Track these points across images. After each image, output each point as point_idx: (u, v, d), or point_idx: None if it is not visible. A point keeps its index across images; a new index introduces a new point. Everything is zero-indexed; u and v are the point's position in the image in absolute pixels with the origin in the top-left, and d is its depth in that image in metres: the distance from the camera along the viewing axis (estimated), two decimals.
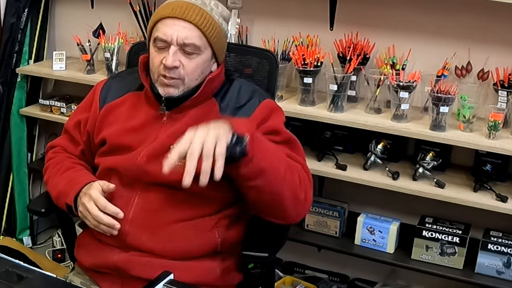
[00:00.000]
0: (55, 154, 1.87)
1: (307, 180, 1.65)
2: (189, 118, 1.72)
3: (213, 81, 1.74)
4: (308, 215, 2.48)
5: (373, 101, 2.37)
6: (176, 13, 1.66)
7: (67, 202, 1.71)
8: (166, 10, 1.68)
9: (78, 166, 1.82)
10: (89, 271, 1.77)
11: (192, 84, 1.71)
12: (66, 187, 1.73)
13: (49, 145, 1.94)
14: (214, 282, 1.72)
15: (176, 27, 1.65)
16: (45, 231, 3.22)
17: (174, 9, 1.66)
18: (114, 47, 2.68)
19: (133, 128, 1.76)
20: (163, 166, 1.42)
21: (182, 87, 1.70)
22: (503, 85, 2.23)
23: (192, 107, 1.73)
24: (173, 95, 1.70)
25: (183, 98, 1.71)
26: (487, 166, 2.31)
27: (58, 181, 1.77)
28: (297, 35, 2.52)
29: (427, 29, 2.39)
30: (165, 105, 1.72)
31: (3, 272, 1.41)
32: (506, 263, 2.22)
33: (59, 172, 1.79)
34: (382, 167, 2.39)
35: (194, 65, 1.68)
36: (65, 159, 1.84)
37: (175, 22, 1.65)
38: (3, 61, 2.91)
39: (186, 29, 1.65)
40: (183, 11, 1.66)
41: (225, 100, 1.76)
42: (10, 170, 3.04)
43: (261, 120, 1.70)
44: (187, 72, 1.68)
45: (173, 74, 1.67)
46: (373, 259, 2.39)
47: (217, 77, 1.75)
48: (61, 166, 1.81)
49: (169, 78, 1.67)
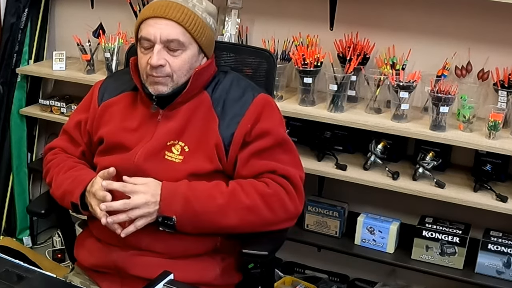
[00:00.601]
0: (55, 156, 1.87)
1: (283, 195, 1.68)
2: (183, 114, 1.74)
3: (201, 74, 1.75)
4: (308, 215, 2.49)
5: (373, 101, 2.37)
6: (157, 13, 1.69)
7: (72, 200, 1.71)
8: (148, 11, 1.71)
9: (80, 165, 1.82)
10: (88, 271, 1.78)
11: (181, 80, 1.72)
12: (71, 186, 1.73)
13: (47, 147, 1.94)
14: (214, 281, 1.73)
15: (158, 25, 1.68)
16: (45, 231, 3.22)
17: (155, 9, 1.69)
18: (114, 47, 2.68)
19: (129, 128, 1.77)
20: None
21: (171, 83, 1.71)
22: (503, 85, 2.23)
23: (184, 102, 1.75)
24: (162, 92, 1.71)
25: (174, 95, 1.73)
26: (487, 166, 2.31)
27: (62, 181, 1.77)
28: (297, 35, 2.52)
29: (427, 29, 2.39)
30: (157, 104, 1.74)
31: (3, 272, 1.41)
32: (506, 263, 2.21)
33: (61, 171, 1.79)
34: (382, 167, 2.38)
35: (180, 61, 1.70)
36: (66, 158, 1.85)
37: (157, 21, 1.68)
38: (3, 61, 2.91)
39: (168, 26, 1.68)
40: (164, 10, 1.68)
41: (217, 92, 1.77)
42: (10, 170, 3.04)
43: (255, 119, 1.72)
44: (174, 69, 1.70)
45: (160, 73, 1.69)
46: (373, 259, 2.39)
47: (205, 70, 1.76)
48: (63, 165, 1.81)
49: (156, 76, 1.69)
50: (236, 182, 1.69)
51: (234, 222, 1.65)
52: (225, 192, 1.65)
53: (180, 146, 1.71)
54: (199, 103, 1.75)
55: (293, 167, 1.73)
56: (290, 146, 1.77)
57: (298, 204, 1.72)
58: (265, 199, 1.66)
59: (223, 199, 1.64)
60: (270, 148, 1.72)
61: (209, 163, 1.70)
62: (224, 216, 1.64)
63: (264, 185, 1.67)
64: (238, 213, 1.64)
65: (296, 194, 1.71)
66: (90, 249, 1.76)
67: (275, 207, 1.67)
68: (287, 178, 1.70)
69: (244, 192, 1.65)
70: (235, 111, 1.73)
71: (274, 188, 1.67)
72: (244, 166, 1.70)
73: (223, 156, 1.70)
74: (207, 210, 1.64)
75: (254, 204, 1.65)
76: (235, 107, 1.74)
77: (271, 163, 1.70)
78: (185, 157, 1.70)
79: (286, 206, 1.69)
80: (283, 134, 1.76)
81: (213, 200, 1.64)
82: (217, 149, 1.70)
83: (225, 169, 1.72)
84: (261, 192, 1.66)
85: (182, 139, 1.72)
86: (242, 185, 1.67)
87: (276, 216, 1.68)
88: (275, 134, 1.73)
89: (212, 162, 1.70)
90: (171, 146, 1.71)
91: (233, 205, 1.64)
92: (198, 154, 1.71)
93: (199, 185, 1.66)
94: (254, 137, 1.71)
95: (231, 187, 1.67)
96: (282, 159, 1.72)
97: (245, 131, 1.70)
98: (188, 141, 1.72)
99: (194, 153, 1.71)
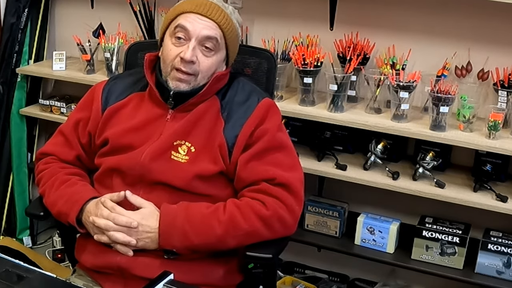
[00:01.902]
0: (47, 165, 1.84)
1: (281, 212, 1.67)
2: (191, 115, 1.74)
3: (219, 80, 1.76)
4: (308, 215, 2.49)
5: (373, 101, 2.37)
6: (200, 10, 1.68)
7: (69, 221, 1.71)
8: (189, 5, 1.70)
9: (73, 178, 1.79)
10: (90, 272, 1.77)
11: (202, 82, 1.73)
12: (66, 207, 1.71)
13: (39, 152, 1.90)
14: (216, 282, 1.73)
15: (200, 21, 1.68)
16: (45, 231, 3.22)
17: (198, 6, 1.69)
18: (114, 47, 2.68)
19: (136, 127, 1.76)
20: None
21: (193, 83, 1.72)
22: (503, 85, 2.23)
23: (196, 104, 1.74)
24: (183, 90, 1.71)
25: (189, 95, 1.72)
26: (487, 166, 2.31)
27: (56, 199, 1.75)
28: (297, 35, 2.52)
29: (427, 29, 2.39)
30: (172, 100, 1.73)
31: (3, 272, 1.41)
32: (506, 263, 2.21)
33: (54, 186, 1.77)
34: (382, 167, 2.38)
35: (209, 63, 1.70)
36: (59, 170, 1.81)
37: (199, 17, 1.68)
38: (3, 61, 2.91)
39: (209, 26, 1.68)
40: (208, 9, 1.69)
41: (226, 97, 1.78)
42: (10, 170, 3.04)
43: (258, 122, 1.72)
44: (202, 69, 1.70)
45: (189, 69, 1.68)
46: (373, 259, 2.39)
47: (223, 76, 1.78)
48: (55, 178, 1.78)
49: (183, 72, 1.69)
50: (234, 205, 1.67)
51: (233, 246, 1.66)
52: (223, 221, 1.64)
53: (187, 146, 1.71)
54: (209, 107, 1.75)
55: (292, 171, 1.72)
56: (288, 150, 1.76)
57: (297, 213, 1.71)
58: (264, 221, 1.65)
59: (222, 229, 1.63)
60: (268, 150, 1.71)
61: (214, 164, 1.70)
62: (223, 244, 1.65)
63: (262, 206, 1.65)
64: (237, 239, 1.65)
65: (295, 202, 1.70)
66: (92, 250, 1.75)
67: (275, 227, 1.67)
68: (285, 186, 1.68)
69: (242, 216, 1.64)
70: (240, 115, 1.73)
71: (272, 208, 1.66)
72: (244, 168, 1.70)
73: (226, 157, 1.70)
74: (206, 242, 1.64)
75: (253, 229, 1.65)
76: (240, 110, 1.74)
77: (271, 171, 1.69)
78: (191, 157, 1.70)
79: (285, 222, 1.68)
80: (281, 137, 1.76)
81: (212, 231, 1.63)
82: (221, 150, 1.70)
83: (227, 171, 1.72)
84: (260, 215, 1.65)
85: (189, 139, 1.72)
86: (240, 208, 1.65)
87: (275, 234, 1.69)
88: (272, 135, 1.73)
89: (217, 163, 1.70)
90: (177, 146, 1.71)
91: (232, 232, 1.64)
92: (204, 156, 1.70)
93: (196, 214, 1.65)
94: (255, 139, 1.71)
95: (229, 212, 1.65)
96: (281, 162, 1.71)
97: (248, 134, 1.70)
98: (194, 142, 1.71)
99: (200, 154, 1.70)
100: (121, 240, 1.63)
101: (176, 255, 1.65)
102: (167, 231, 1.63)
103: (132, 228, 1.62)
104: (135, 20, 2.75)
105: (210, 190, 1.71)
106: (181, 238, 1.63)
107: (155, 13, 2.75)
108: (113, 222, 1.63)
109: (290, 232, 1.73)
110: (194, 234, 1.63)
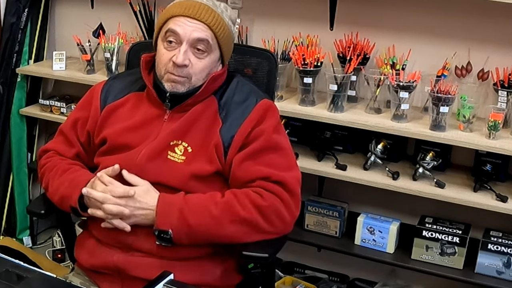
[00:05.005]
0: (48, 159, 1.85)
1: (278, 205, 1.67)
2: (189, 116, 1.74)
3: (216, 80, 1.76)
4: (308, 215, 2.49)
5: (373, 101, 2.37)
6: (189, 13, 1.68)
7: (71, 204, 1.71)
8: (178, 8, 1.69)
9: (74, 166, 1.81)
10: (88, 272, 1.77)
11: (198, 83, 1.73)
12: (68, 191, 1.72)
13: (41, 149, 1.92)
14: (214, 282, 1.73)
15: (190, 24, 1.67)
16: (45, 231, 3.22)
17: (187, 8, 1.68)
18: (114, 47, 2.68)
19: (133, 126, 1.76)
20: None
21: (188, 85, 1.72)
22: (503, 85, 2.23)
23: (193, 105, 1.74)
24: (179, 91, 1.71)
25: (185, 96, 1.73)
26: (487, 166, 2.31)
27: (58, 186, 1.76)
28: (297, 35, 2.52)
29: (427, 29, 2.39)
30: (169, 101, 1.73)
31: (3, 272, 1.41)
32: (506, 263, 2.21)
33: (56, 175, 1.78)
34: (382, 167, 2.38)
35: (202, 65, 1.70)
36: (60, 161, 1.83)
37: (188, 20, 1.68)
38: (3, 61, 2.91)
39: (199, 28, 1.67)
40: (197, 11, 1.68)
41: (224, 97, 1.78)
42: (10, 170, 3.04)
43: (255, 123, 1.72)
44: (195, 72, 1.70)
45: (181, 73, 1.69)
46: (373, 259, 2.39)
47: (220, 76, 1.77)
48: (57, 169, 1.80)
49: (177, 76, 1.69)
50: (231, 192, 1.68)
51: (230, 233, 1.65)
52: (219, 203, 1.65)
53: (184, 146, 1.71)
54: (207, 107, 1.75)
55: (287, 171, 1.72)
56: (284, 151, 1.76)
57: (294, 211, 1.71)
58: (260, 210, 1.65)
59: (218, 210, 1.64)
60: (263, 151, 1.71)
61: (210, 164, 1.70)
62: (219, 227, 1.64)
63: (258, 197, 1.66)
64: (234, 224, 1.64)
65: (291, 200, 1.69)
66: (90, 250, 1.76)
67: (272, 219, 1.67)
68: (281, 184, 1.68)
69: (239, 203, 1.64)
70: (238, 115, 1.73)
71: (269, 200, 1.66)
72: (238, 168, 1.70)
73: (221, 157, 1.70)
74: (203, 222, 1.64)
75: (250, 216, 1.64)
76: (238, 111, 1.74)
77: (265, 170, 1.69)
78: (188, 157, 1.70)
79: (283, 216, 1.68)
80: (277, 138, 1.75)
81: (208, 212, 1.64)
82: (216, 149, 1.70)
83: (223, 171, 1.72)
84: (257, 204, 1.65)
85: (186, 139, 1.72)
86: (237, 196, 1.66)
87: (274, 227, 1.68)
88: (268, 136, 1.72)
89: (213, 163, 1.70)
90: (174, 146, 1.71)
91: (228, 216, 1.64)
92: (200, 156, 1.70)
93: (194, 198, 1.66)
94: (251, 140, 1.71)
95: (226, 197, 1.66)
96: (276, 163, 1.71)
97: (245, 134, 1.70)
98: (191, 142, 1.72)
99: (196, 155, 1.71)
100: (114, 211, 1.62)
101: (170, 243, 1.64)
102: (165, 209, 1.63)
103: (129, 197, 1.63)
104: (135, 20, 2.75)
105: (207, 190, 1.71)
106: (178, 215, 1.62)
107: (155, 13, 2.75)
108: (110, 194, 1.63)
109: (288, 228, 1.72)
110: (191, 213, 1.63)
